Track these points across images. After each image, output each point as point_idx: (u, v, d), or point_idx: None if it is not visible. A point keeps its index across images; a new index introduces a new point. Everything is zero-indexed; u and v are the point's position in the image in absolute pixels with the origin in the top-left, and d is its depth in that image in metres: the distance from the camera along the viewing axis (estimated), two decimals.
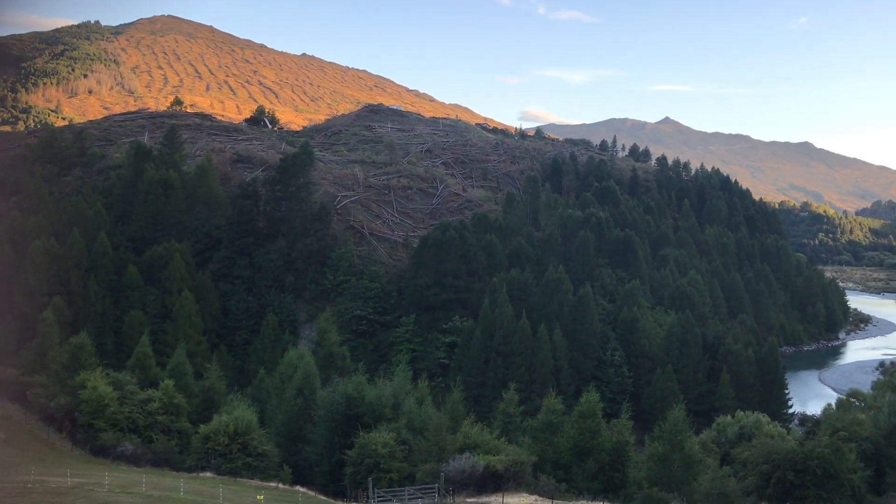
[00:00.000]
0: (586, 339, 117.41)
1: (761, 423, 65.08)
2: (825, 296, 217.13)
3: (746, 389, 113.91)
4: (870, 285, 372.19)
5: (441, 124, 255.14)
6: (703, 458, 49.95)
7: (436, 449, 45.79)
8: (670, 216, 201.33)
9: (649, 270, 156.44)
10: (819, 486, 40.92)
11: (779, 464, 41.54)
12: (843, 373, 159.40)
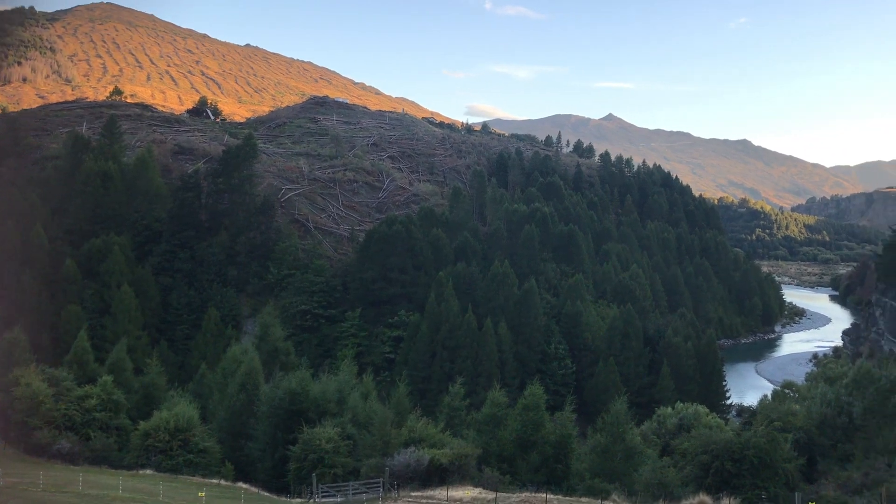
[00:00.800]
0: (531, 333, 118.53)
1: (700, 415, 66.60)
2: (762, 290, 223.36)
3: (686, 381, 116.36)
4: (804, 280, 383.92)
5: (387, 118, 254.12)
6: (644, 449, 50.93)
7: (381, 443, 45.71)
8: (613, 211, 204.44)
9: (592, 265, 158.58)
10: (755, 475, 42.00)
11: (717, 454, 42.53)
12: (778, 365, 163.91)
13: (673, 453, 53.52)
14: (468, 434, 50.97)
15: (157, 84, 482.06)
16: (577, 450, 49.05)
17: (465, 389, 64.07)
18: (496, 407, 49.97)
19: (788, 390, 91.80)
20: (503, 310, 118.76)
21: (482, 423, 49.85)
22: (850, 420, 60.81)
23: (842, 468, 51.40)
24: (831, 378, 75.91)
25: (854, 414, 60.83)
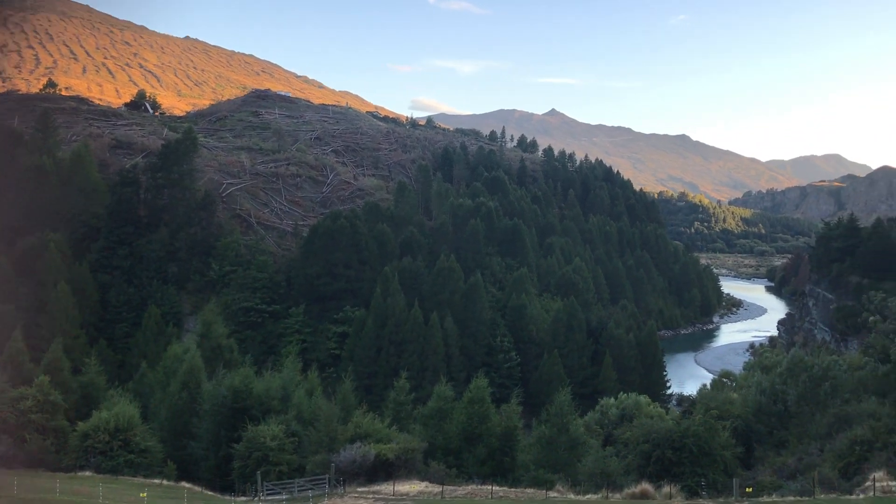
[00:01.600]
0: (477, 326, 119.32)
1: (641, 405, 68.01)
2: (700, 282, 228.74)
3: (628, 372, 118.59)
4: (741, 271, 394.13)
5: (331, 111, 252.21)
6: (588, 439, 51.81)
7: (326, 440, 45.51)
8: (556, 205, 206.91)
9: (537, 258, 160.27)
10: (695, 462, 43.01)
11: (658, 443, 43.42)
12: (716, 354, 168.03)
13: (615, 443, 54.51)
14: (414, 428, 51.09)
15: (93, 77, 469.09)
16: (522, 441, 49.61)
17: (411, 384, 64.12)
18: (442, 401, 50.22)
19: (726, 379, 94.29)
20: (449, 304, 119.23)
21: (428, 417, 50.04)
22: (785, 407, 62.73)
23: (777, 454, 53.01)
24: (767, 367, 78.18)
25: (788, 401, 62.76)
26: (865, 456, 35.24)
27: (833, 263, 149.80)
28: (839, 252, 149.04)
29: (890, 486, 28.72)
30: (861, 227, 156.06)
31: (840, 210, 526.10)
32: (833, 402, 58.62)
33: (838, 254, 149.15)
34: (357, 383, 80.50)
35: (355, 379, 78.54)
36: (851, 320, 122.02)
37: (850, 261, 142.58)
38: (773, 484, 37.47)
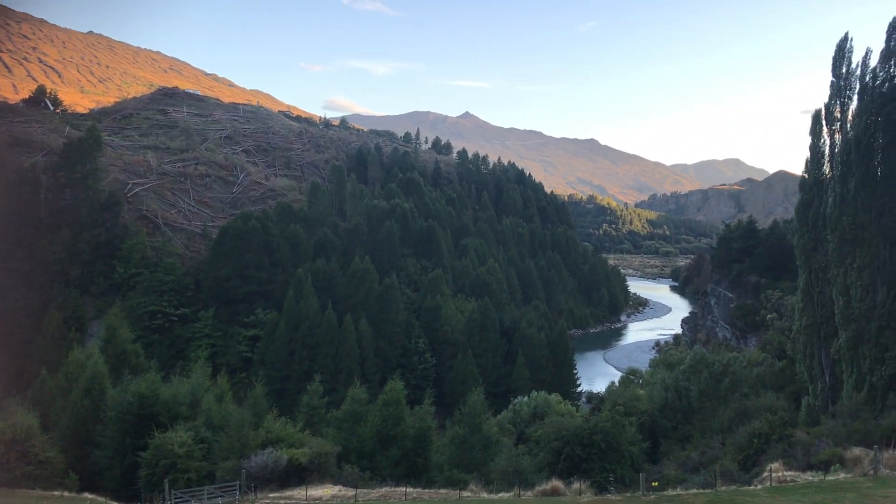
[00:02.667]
0: (392, 328, 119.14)
1: (552, 403, 69.30)
2: (609, 282, 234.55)
3: (540, 371, 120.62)
4: (647, 271, 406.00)
5: (242, 110, 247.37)
6: (501, 438, 52.47)
7: (237, 445, 44.63)
8: (471, 207, 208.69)
9: (451, 260, 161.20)
10: (603, 458, 44.13)
11: (568, 440, 44.37)
12: (624, 352, 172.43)
13: (528, 441, 55.41)
14: (328, 432, 50.62)
15: None
16: (436, 442, 49.83)
17: (324, 387, 63.53)
18: (356, 403, 49.92)
19: (633, 377, 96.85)
20: (364, 306, 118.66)
21: (342, 421, 49.65)
22: (689, 403, 65.12)
23: (681, 448, 54.96)
24: (671, 364, 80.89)
25: (691, 397, 65.19)
26: (763, 448, 36.88)
27: (733, 264, 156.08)
28: (739, 253, 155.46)
29: (785, 476, 30.15)
30: (759, 229, 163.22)
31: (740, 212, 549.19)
32: (733, 397, 61.18)
33: (738, 254, 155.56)
34: (269, 387, 79.15)
35: (267, 383, 77.16)
36: (750, 318, 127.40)
37: (748, 261, 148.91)
38: (677, 477, 38.84)
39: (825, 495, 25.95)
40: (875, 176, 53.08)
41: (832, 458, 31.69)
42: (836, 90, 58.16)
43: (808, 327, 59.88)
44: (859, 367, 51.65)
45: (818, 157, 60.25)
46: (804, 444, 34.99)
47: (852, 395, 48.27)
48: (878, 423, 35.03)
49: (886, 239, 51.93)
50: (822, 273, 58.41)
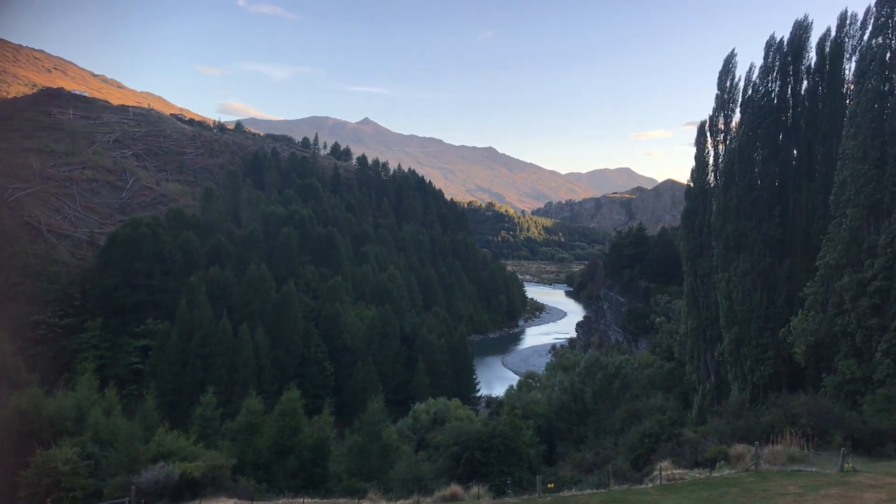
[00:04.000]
0: (289, 337, 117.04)
1: (451, 408, 69.70)
2: (507, 287, 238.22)
3: (440, 377, 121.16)
4: (543, 277, 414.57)
5: (132, 113, 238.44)
6: (400, 445, 52.31)
7: (126, 461, 42.78)
8: (371, 214, 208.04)
9: (351, 266, 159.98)
10: (502, 462, 44.66)
11: (467, 444, 44.70)
12: (522, 357, 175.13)
13: (427, 447, 55.49)
14: (223, 444, 49.21)
15: None
16: (335, 451, 49.24)
17: (219, 398, 61.79)
18: (252, 414, 48.74)
19: (531, 380, 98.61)
20: (260, 314, 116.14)
21: (237, 432, 48.37)
22: (584, 405, 66.81)
23: (577, 449, 56.17)
24: (567, 367, 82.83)
25: (586, 399, 66.92)
26: (653, 447, 38.10)
27: (624, 269, 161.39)
28: (630, 259, 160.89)
29: (674, 474, 31.26)
30: (648, 236, 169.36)
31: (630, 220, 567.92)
32: (625, 398, 63.11)
33: (629, 260, 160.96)
34: (161, 399, 76.44)
35: (159, 395, 74.48)
36: (641, 322, 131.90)
37: (639, 267, 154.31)
38: (572, 479, 39.63)
39: (711, 491, 27.06)
40: (756, 186, 55.98)
41: (718, 455, 33.07)
42: (720, 103, 61.14)
43: (694, 330, 62.54)
44: (742, 367, 54.30)
45: (703, 167, 63.13)
46: (692, 443, 36.37)
47: (736, 395, 50.64)
48: (760, 421, 36.80)
49: (766, 245, 54.80)
50: (707, 278, 61.13)
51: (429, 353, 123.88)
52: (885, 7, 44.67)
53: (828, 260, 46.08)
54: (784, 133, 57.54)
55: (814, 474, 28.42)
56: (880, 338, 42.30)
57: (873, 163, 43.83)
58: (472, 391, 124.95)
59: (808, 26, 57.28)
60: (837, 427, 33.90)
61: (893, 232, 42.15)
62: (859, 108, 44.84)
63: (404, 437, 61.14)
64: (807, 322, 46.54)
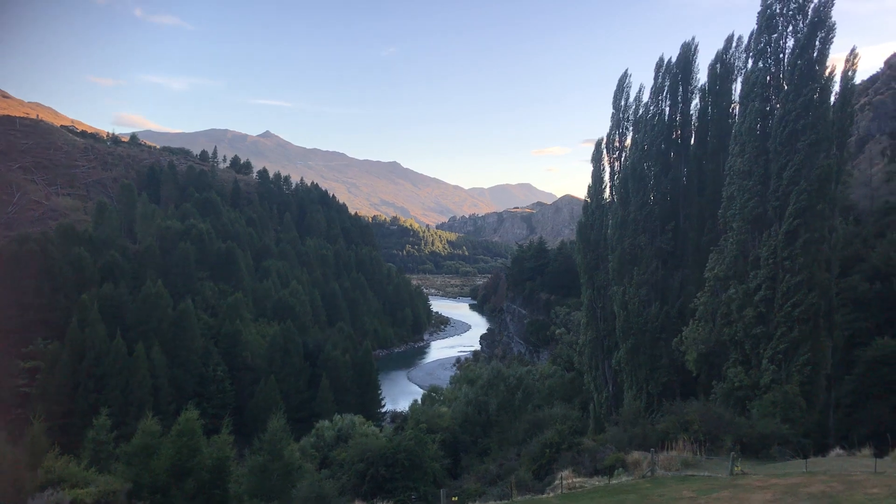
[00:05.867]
0: (187, 356, 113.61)
1: (356, 424, 69.18)
2: (412, 301, 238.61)
3: (345, 393, 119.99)
4: (448, 291, 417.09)
5: (18, 124, 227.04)
6: (303, 464, 51.49)
7: (11, 490, 40.54)
8: (272, 228, 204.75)
9: (252, 282, 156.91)
10: (406, 477, 44.63)
11: (372, 461, 44.46)
12: (427, 370, 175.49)
13: (332, 465, 54.86)
14: (117, 468, 47.29)
15: None
16: (235, 472, 48.04)
17: (113, 421, 59.47)
18: (148, 436, 46.94)
19: (435, 394, 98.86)
20: (157, 333, 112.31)
21: (132, 455, 46.46)
22: (488, 417, 67.47)
23: (481, 461, 56.57)
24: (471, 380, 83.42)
25: (490, 411, 67.63)
26: (555, 457, 38.81)
27: (526, 282, 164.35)
28: (531, 272, 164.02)
29: (574, 483, 31.93)
30: (549, 250, 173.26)
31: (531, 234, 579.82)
32: (528, 408, 64.16)
33: (530, 273, 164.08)
34: (51, 423, 72.57)
35: (48, 419, 70.65)
36: (542, 333, 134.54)
37: (540, 279, 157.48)
38: (476, 491, 39.95)
39: (610, 498, 27.82)
40: (649, 201, 58.18)
41: (615, 462, 33.98)
42: (615, 122, 63.33)
43: (592, 341, 64.24)
44: (637, 376, 56.10)
45: (600, 183, 65.16)
46: (591, 451, 37.26)
47: (632, 403, 52.24)
48: (655, 428, 38.06)
49: (660, 258, 56.95)
50: (604, 290, 63.00)
51: (333, 369, 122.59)
52: (763, 34, 47.32)
53: (716, 272, 48.22)
54: (675, 150, 60.09)
55: (706, 478, 29.58)
56: (766, 346, 44.50)
57: (757, 179, 46.22)
58: (378, 407, 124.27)
59: (695, 48, 60.09)
60: (727, 432, 35.39)
61: (776, 244, 44.54)
62: (744, 128, 47.25)
63: (307, 456, 60.27)
64: (697, 332, 48.51)
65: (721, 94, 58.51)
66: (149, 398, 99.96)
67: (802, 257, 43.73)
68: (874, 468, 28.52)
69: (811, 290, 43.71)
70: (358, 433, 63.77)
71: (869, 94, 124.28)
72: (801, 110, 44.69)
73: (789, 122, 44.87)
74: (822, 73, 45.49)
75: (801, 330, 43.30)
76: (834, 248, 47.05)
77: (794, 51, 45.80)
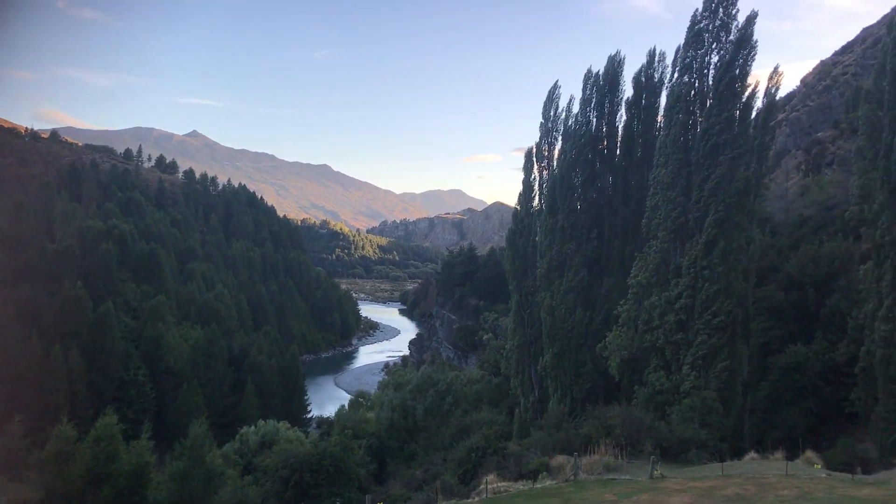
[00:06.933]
0: (107, 359, 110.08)
1: (281, 430, 68.27)
2: (341, 306, 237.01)
3: (270, 398, 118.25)
4: (378, 295, 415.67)
5: None
6: (225, 470, 50.58)
7: None
8: (198, 230, 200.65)
9: (176, 285, 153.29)
10: (332, 483, 44.29)
11: (297, 467, 43.99)
12: (355, 375, 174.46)
13: (255, 471, 54.04)
14: (29, 476, 45.57)
15: None
16: (155, 478, 46.87)
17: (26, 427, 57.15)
18: (63, 443, 45.43)
19: (362, 399, 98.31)
20: (75, 336, 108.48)
21: (46, 463, 44.89)
22: (415, 422, 67.51)
23: (407, 467, 56.59)
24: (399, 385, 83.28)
25: (417, 416, 67.69)
26: (480, 461, 39.08)
27: (456, 288, 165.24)
28: (461, 277, 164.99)
29: (499, 487, 32.21)
30: (478, 256, 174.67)
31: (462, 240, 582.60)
32: (456, 413, 64.45)
33: (460, 279, 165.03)
34: None
35: None
36: (470, 338, 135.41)
37: (469, 285, 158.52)
38: (402, 496, 39.94)
39: (534, 502, 28.17)
40: (576, 209, 59.31)
41: (540, 466, 34.43)
42: (544, 131, 64.37)
43: (519, 346, 65.01)
44: (562, 381, 57.03)
45: (530, 191, 66.11)
46: (516, 456, 37.65)
47: (556, 408, 53.06)
48: (578, 433, 38.69)
49: (586, 266, 58.05)
50: (532, 296, 63.86)
51: (258, 374, 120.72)
52: (690, 49, 48.84)
53: (639, 279, 49.44)
54: (601, 161, 61.42)
55: (627, 481, 30.24)
56: (686, 352, 45.81)
57: (680, 190, 47.61)
58: (304, 412, 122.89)
59: (621, 61, 61.57)
60: (648, 436, 36.25)
61: (696, 253, 45.93)
62: (668, 140, 48.64)
63: (230, 462, 59.20)
64: (620, 338, 49.61)
65: (646, 106, 60.12)
66: (65, 403, 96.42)
67: (721, 267, 45.22)
68: (786, 471, 29.67)
69: (729, 298, 45.24)
70: (283, 439, 62.93)
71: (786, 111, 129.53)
72: (724, 125, 46.26)
73: (712, 136, 46.37)
74: (744, 90, 47.26)
75: (719, 337, 44.72)
76: (751, 258, 48.83)
77: (719, 67, 47.44)
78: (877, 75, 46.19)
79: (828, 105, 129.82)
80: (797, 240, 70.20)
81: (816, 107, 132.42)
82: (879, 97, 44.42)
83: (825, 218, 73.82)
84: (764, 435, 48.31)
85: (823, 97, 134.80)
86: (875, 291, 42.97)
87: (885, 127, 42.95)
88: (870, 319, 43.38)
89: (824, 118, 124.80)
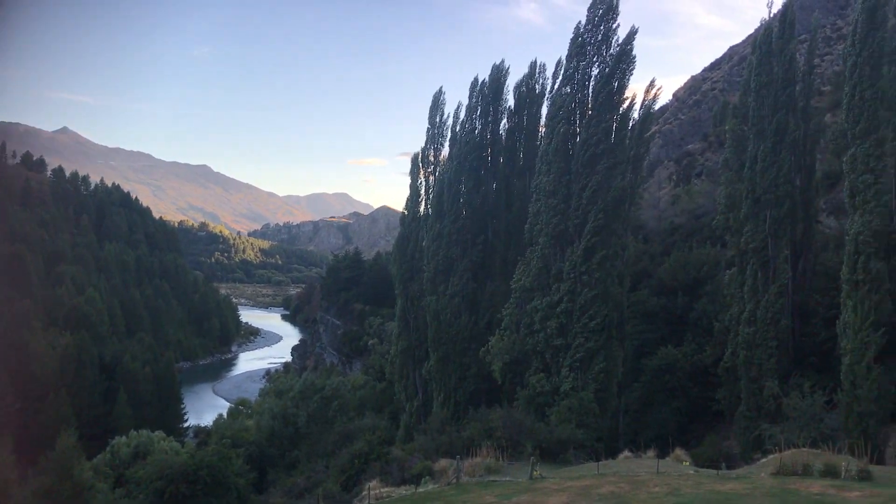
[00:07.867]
0: None
1: (155, 441, 65.73)
2: (220, 311, 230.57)
3: (144, 407, 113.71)
4: (259, 300, 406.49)
5: None
6: (96, 483, 48.26)
7: None
8: (68, 231, 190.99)
9: (43, 289, 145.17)
10: (209, 493, 42.96)
11: (172, 478, 42.43)
12: (234, 383, 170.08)
13: (128, 483, 51.80)
14: None
15: None
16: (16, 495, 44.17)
17: None
18: None
19: (242, 407, 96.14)
20: None
21: None
22: (296, 429, 66.42)
23: (289, 475, 55.64)
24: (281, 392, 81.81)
25: (299, 423, 66.64)
26: (363, 467, 38.88)
27: (341, 292, 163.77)
28: (346, 282, 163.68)
29: (382, 493, 32.13)
30: (364, 260, 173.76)
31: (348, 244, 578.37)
32: (341, 419, 63.89)
33: (345, 283, 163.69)
34: None
35: None
36: (355, 344, 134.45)
37: (355, 290, 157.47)
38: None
39: None
40: (462, 215, 60.05)
41: (423, 470, 34.55)
42: (430, 137, 64.91)
43: (404, 351, 65.17)
44: (447, 385, 57.56)
45: (416, 196, 66.44)
46: (399, 460, 37.65)
47: (440, 411, 53.48)
48: (461, 436, 39.12)
49: (471, 270, 58.85)
50: (418, 300, 64.16)
51: (132, 382, 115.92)
52: (573, 61, 50.42)
53: (522, 283, 50.53)
54: (486, 167, 62.53)
55: (507, 483, 30.79)
56: (565, 355, 47.17)
57: (561, 197, 49.01)
58: (180, 421, 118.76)
59: (506, 71, 62.92)
60: (528, 437, 37.03)
61: (576, 259, 47.40)
62: (550, 148, 49.99)
63: (101, 475, 56.54)
64: (503, 342, 50.52)
65: (528, 116, 61.67)
66: None
67: (598, 272, 46.88)
68: (657, 469, 30.97)
69: (605, 303, 46.95)
70: (157, 449, 60.59)
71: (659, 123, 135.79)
72: (602, 135, 48.00)
73: (591, 145, 48.01)
74: (621, 102, 49.24)
75: (596, 340, 46.32)
76: (626, 264, 50.94)
77: (599, 79, 49.20)
78: (742, 92, 49.28)
79: (698, 118, 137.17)
80: (668, 246, 73.67)
81: (687, 120, 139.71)
82: (745, 112, 47.39)
83: (694, 226, 77.89)
84: (637, 434, 50.33)
85: (694, 111, 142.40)
86: (738, 296, 45.71)
87: (750, 140, 45.87)
88: (734, 323, 46.08)
89: (694, 131, 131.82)
